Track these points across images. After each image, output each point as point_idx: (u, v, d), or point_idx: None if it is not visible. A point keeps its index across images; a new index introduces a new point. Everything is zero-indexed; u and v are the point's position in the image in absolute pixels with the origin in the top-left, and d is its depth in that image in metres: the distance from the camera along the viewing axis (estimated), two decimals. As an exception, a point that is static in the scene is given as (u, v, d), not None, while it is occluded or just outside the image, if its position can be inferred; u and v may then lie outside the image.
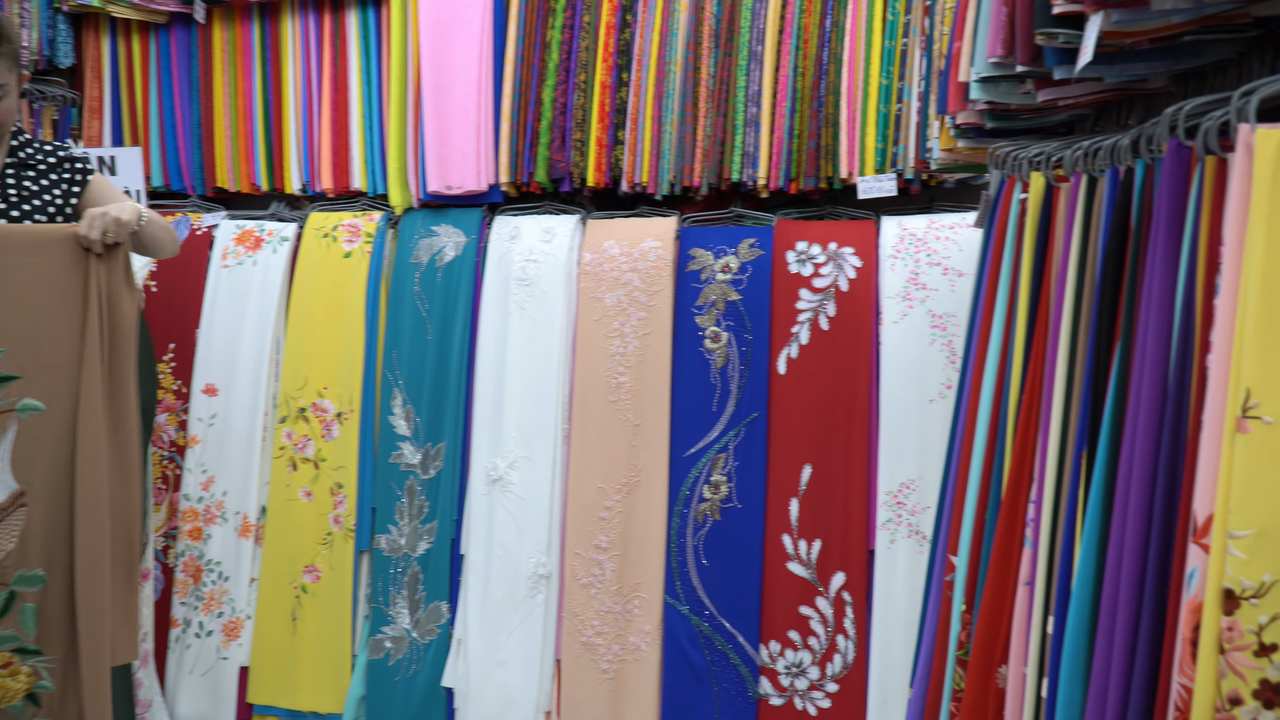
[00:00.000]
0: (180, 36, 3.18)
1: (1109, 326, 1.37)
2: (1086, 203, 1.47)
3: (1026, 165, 1.68)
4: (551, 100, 2.88)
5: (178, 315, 3.02)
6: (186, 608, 2.90)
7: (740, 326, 2.69)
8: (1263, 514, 1.00)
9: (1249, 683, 0.98)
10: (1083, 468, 1.36)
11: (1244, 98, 1.13)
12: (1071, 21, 1.42)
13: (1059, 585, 1.36)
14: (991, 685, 1.50)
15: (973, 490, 1.66)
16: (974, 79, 1.70)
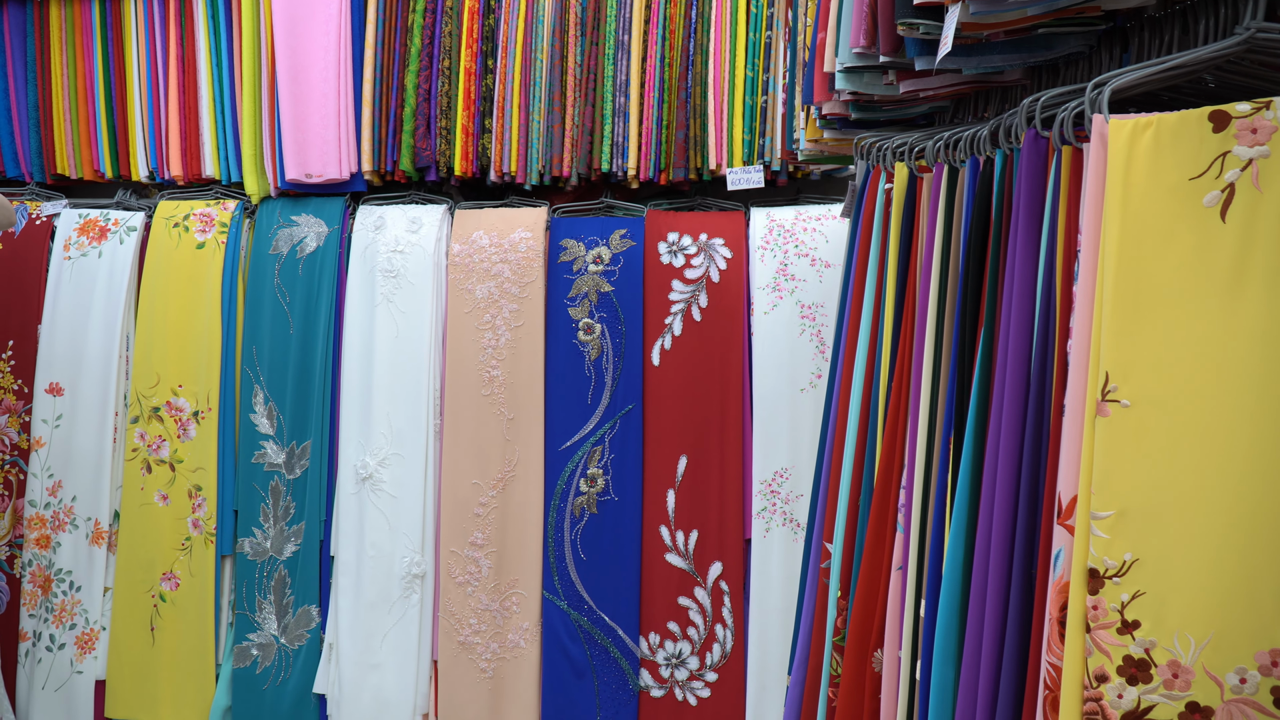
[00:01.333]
0: (13, 14, 2.97)
1: (973, 314, 1.40)
2: (949, 193, 1.50)
3: (891, 156, 1.71)
4: (415, 86, 2.80)
5: (17, 309, 2.82)
6: (36, 620, 2.72)
7: (614, 318, 2.67)
8: (1123, 494, 1.03)
9: (1114, 659, 1.02)
10: (951, 454, 1.39)
11: (1097, 89, 1.16)
12: (932, 13, 1.44)
13: (930, 569, 1.38)
14: (868, 669, 1.52)
15: (846, 478, 1.68)
16: (838, 69, 1.72)
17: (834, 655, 1.63)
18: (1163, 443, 1.03)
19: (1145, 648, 1.01)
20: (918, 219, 1.61)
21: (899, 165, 1.64)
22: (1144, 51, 1.34)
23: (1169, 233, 1.05)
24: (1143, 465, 1.04)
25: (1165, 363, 1.04)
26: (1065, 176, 1.22)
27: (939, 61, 1.40)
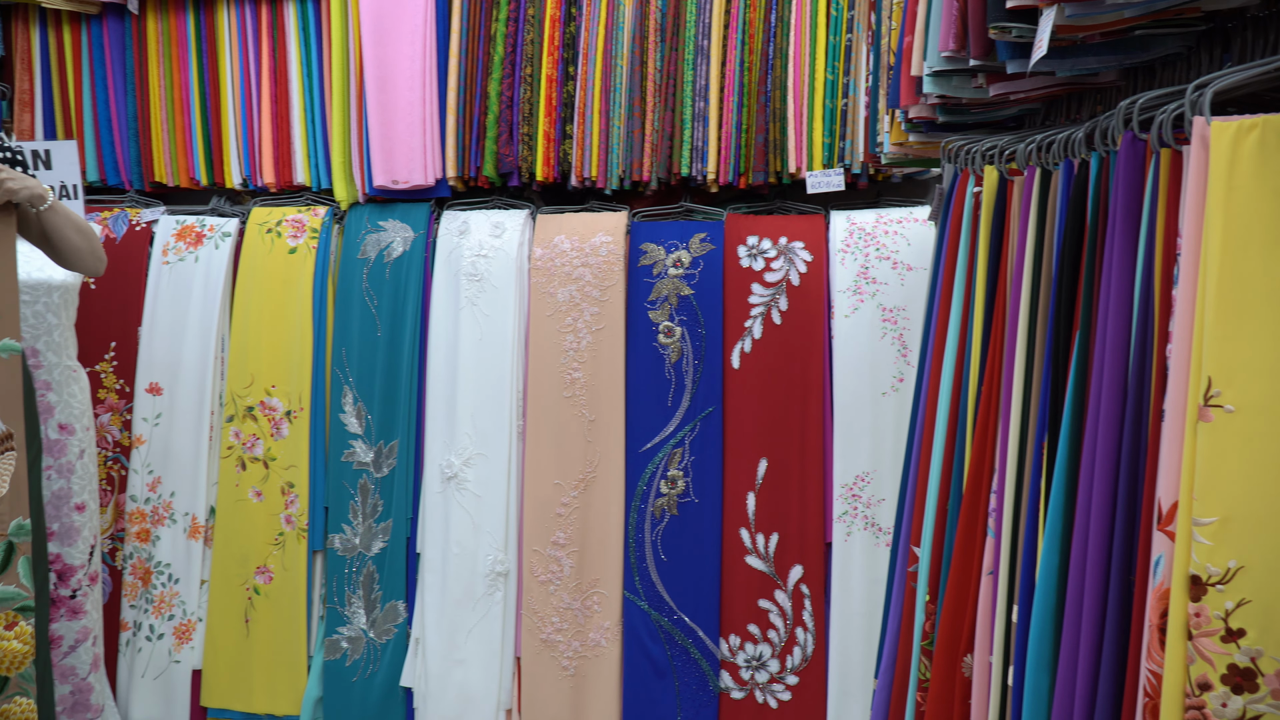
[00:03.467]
0: (113, 27, 3.09)
1: (1067, 318, 1.39)
2: (1041, 195, 1.49)
3: (980, 159, 1.70)
4: (497, 94, 2.85)
5: (118, 312, 2.94)
6: (136, 610, 2.84)
7: (694, 321, 2.69)
8: (1227, 501, 1.02)
9: (1217, 668, 1.01)
10: (1044, 458, 1.38)
11: (1198, 91, 1.15)
12: (1025, 16, 1.44)
13: (1022, 574, 1.38)
14: (957, 674, 1.52)
15: (934, 482, 1.68)
16: (926, 73, 1.72)
17: (922, 659, 1.63)
18: (1268, 448, 1.02)
19: (1251, 657, 1.00)
20: (1008, 222, 1.60)
21: (989, 168, 1.64)
22: (1247, 52, 1.32)
23: (1275, 236, 1.04)
24: (1247, 471, 1.02)
25: (1271, 368, 1.03)
26: (1164, 179, 1.21)
27: (1033, 65, 1.40)
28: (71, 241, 2.18)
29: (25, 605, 2.02)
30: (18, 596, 2.00)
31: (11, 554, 2.00)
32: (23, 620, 2.01)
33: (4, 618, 1.99)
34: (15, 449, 2.02)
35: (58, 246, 2.17)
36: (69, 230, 2.16)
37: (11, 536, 2.01)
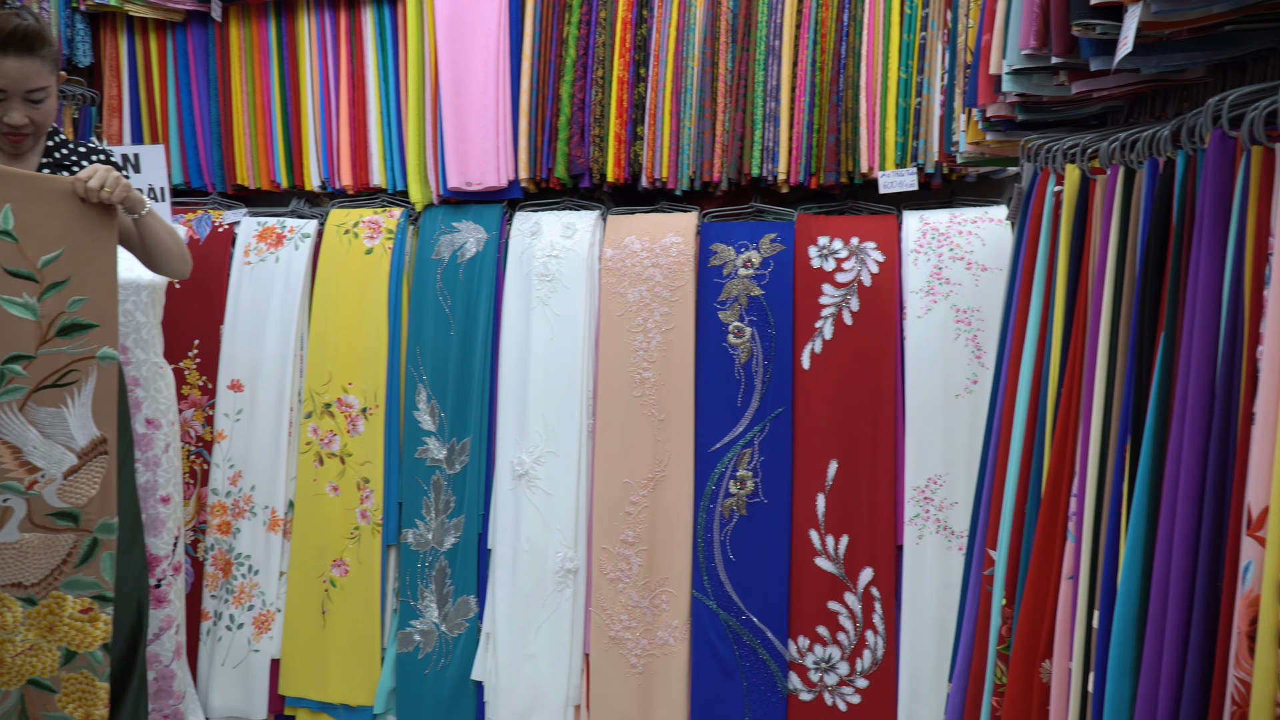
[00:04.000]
0: (197, 34, 3.18)
1: (1151, 319, 1.37)
2: (1125, 195, 1.47)
3: (1061, 157, 1.68)
4: (570, 96, 2.88)
5: (201, 311, 3.03)
6: (217, 600, 2.92)
7: (764, 321, 2.69)
8: (1322, 507, 1.00)
9: (1311, 675, 0.98)
10: (1126, 461, 1.36)
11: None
12: (1109, 12, 1.41)
13: (1104, 579, 1.36)
14: (1035, 680, 1.50)
15: (1011, 485, 1.66)
16: (1005, 71, 1.70)
17: (998, 664, 1.61)
18: (1366, 454, 0.99)
19: (1346, 666, 0.98)
20: (1089, 221, 1.58)
21: (1070, 167, 1.61)
22: (1343, 46, 1.29)
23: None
24: (1343, 477, 1.00)
25: (1369, 371, 1.00)
26: (1255, 177, 1.18)
27: (1117, 62, 1.38)
28: (165, 244, 2.25)
29: (102, 595, 2.10)
30: (95, 585, 2.09)
31: (95, 548, 2.09)
32: (97, 607, 2.10)
33: (80, 601, 2.08)
34: (108, 453, 2.10)
35: (151, 248, 2.24)
36: (163, 232, 2.24)
37: (97, 534, 2.09)
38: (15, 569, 2.03)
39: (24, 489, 2.03)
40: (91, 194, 2.04)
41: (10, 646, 2.03)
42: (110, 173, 2.06)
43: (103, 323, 2.08)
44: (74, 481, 2.07)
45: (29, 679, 2.05)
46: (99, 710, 2.10)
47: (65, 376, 2.05)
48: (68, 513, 2.06)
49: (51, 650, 2.06)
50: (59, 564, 2.05)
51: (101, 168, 2.07)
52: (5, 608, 2.03)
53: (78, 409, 2.07)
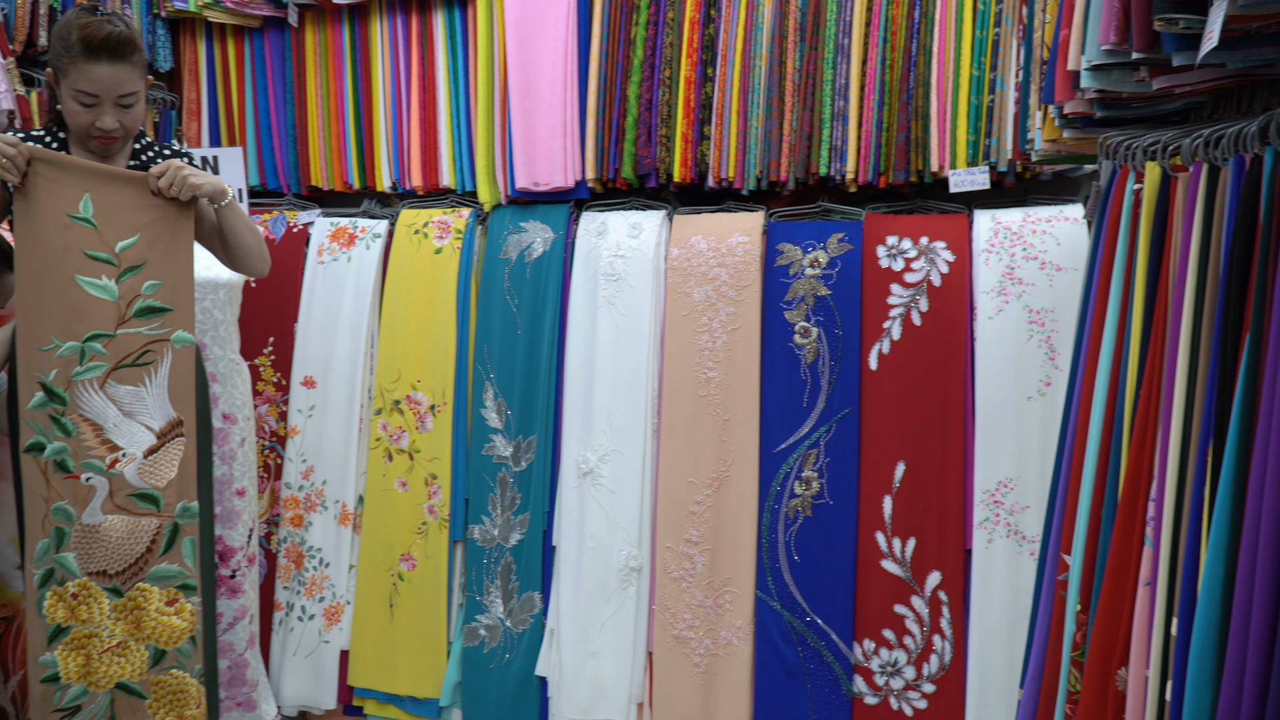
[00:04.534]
0: (274, 39, 3.26)
1: (1236, 320, 1.33)
2: (1208, 192, 1.43)
3: (1141, 155, 1.64)
4: (637, 96, 2.89)
5: (276, 310, 3.10)
6: (289, 592, 2.99)
7: (830, 322, 2.67)
8: None
9: None
10: (1208, 464, 1.32)
11: (1390, 82, 1.09)
12: (1193, 6, 1.38)
13: (1183, 585, 1.32)
14: (1111, 687, 1.47)
15: (1087, 488, 1.63)
16: (1084, 67, 1.67)
17: (1072, 671, 1.58)
18: None
19: None
20: (1170, 220, 1.54)
21: (1150, 164, 1.58)
22: None
23: None
24: None
25: None
26: (1349, 174, 1.15)
27: (1201, 57, 1.34)
28: (244, 239, 2.30)
29: (187, 584, 2.14)
30: (180, 575, 2.14)
31: (176, 535, 2.14)
32: (183, 597, 2.14)
33: (166, 594, 2.12)
34: (185, 435, 2.16)
35: (231, 244, 2.29)
36: (243, 228, 2.29)
37: (178, 519, 2.14)
38: (101, 555, 2.08)
39: (106, 467, 2.09)
40: (162, 190, 2.12)
41: (98, 642, 2.07)
42: (180, 172, 2.12)
43: (178, 307, 2.15)
44: (153, 462, 2.13)
45: (117, 683, 2.08)
46: (190, 710, 2.13)
47: (142, 356, 2.12)
48: (148, 494, 2.11)
49: (140, 650, 2.10)
50: (143, 553, 2.11)
51: (174, 164, 2.13)
52: (93, 599, 2.08)
53: (155, 389, 2.13)
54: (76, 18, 2.10)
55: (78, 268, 2.06)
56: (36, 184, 2.05)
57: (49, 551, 2.07)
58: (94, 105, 2.11)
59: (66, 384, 2.07)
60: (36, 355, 2.06)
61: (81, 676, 2.06)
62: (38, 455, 2.07)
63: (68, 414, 2.07)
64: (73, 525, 2.08)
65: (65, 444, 2.07)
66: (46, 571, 2.07)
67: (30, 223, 2.04)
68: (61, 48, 2.09)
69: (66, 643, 2.06)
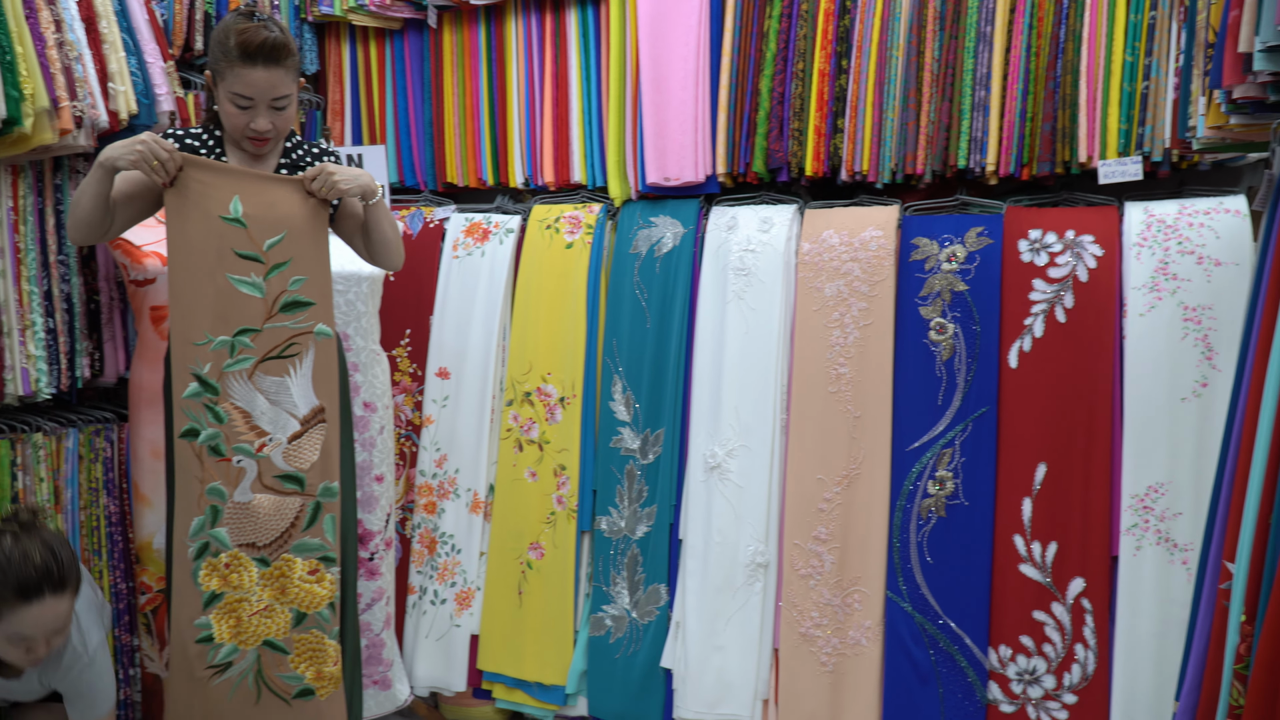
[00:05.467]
0: (413, 41, 3.36)
1: None
2: (1399, 179, 1.33)
3: (1319, 140, 1.54)
4: (769, 90, 2.87)
5: (413, 303, 3.19)
6: (422, 576, 3.07)
7: (968, 318, 2.60)
8: None
9: None
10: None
11: None
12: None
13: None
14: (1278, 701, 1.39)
15: (1254, 494, 1.54)
16: (1257, 49, 1.58)
17: (1235, 684, 1.50)
18: None
19: None
20: (1354, 209, 1.44)
21: (1331, 150, 1.48)
22: None
23: None
24: None
25: None
26: None
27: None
28: (385, 234, 2.36)
29: (327, 555, 2.27)
30: (321, 548, 2.26)
31: (318, 512, 2.25)
32: (324, 568, 2.26)
33: (308, 564, 2.24)
34: (327, 421, 2.26)
35: (372, 239, 2.37)
36: (385, 224, 2.36)
37: (319, 498, 2.25)
38: (250, 529, 2.21)
39: (254, 451, 2.21)
40: (314, 192, 2.23)
41: (247, 605, 2.21)
42: (331, 177, 2.21)
43: (319, 301, 2.26)
44: (297, 446, 2.24)
45: (264, 640, 2.21)
46: (329, 667, 2.25)
47: (287, 349, 2.23)
48: (293, 476, 2.23)
49: (284, 612, 2.23)
50: (288, 527, 2.22)
51: (325, 169, 2.23)
52: (243, 567, 2.21)
53: (299, 379, 2.24)
54: (234, 23, 2.18)
55: (229, 266, 2.18)
56: (189, 188, 2.17)
57: (205, 527, 2.19)
58: (249, 108, 2.20)
59: (219, 375, 2.19)
60: (191, 349, 2.18)
61: (233, 636, 2.20)
62: (193, 440, 2.19)
63: (220, 402, 2.19)
64: (225, 503, 2.20)
65: (218, 430, 2.19)
66: (202, 545, 2.19)
67: (184, 224, 2.16)
68: (220, 52, 2.19)
69: (220, 607, 2.19)
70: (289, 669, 2.22)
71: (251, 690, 2.20)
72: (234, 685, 2.19)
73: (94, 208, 2.17)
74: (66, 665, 2.10)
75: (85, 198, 2.17)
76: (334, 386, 2.29)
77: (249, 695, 2.20)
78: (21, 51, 2.36)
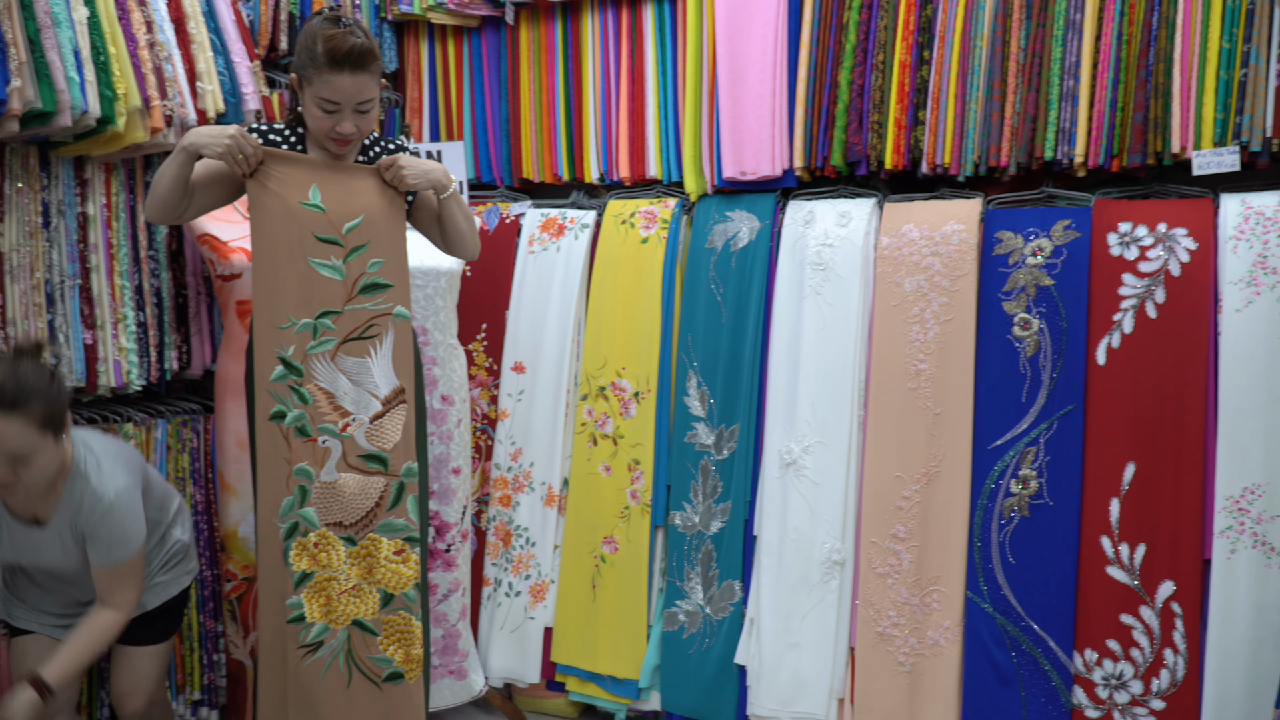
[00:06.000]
0: (490, 38, 3.38)
1: None
2: None
3: None
4: (848, 82, 2.83)
5: (489, 297, 3.23)
6: (497, 568, 3.10)
7: (1053, 313, 2.54)
8: None
9: None
10: None
11: None
12: None
13: None
14: (1394, 711, 1.32)
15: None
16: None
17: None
18: None
19: None
20: None
21: None
22: None
23: None
24: None
25: None
26: None
27: None
28: (459, 224, 2.40)
29: (411, 536, 2.30)
30: (406, 528, 2.30)
31: (402, 492, 2.29)
32: (409, 548, 2.29)
33: (394, 544, 2.28)
34: (407, 402, 2.30)
35: (447, 229, 2.40)
36: (459, 215, 2.39)
37: (403, 478, 2.30)
38: (337, 508, 2.25)
39: (338, 431, 2.26)
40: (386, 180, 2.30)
41: (336, 584, 2.25)
42: (401, 170, 2.28)
43: (397, 284, 2.31)
44: (379, 426, 2.28)
45: (353, 620, 2.25)
46: (416, 649, 2.29)
47: (368, 330, 2.27)
48: (376, 455, 2.27)
49: (371, 593, 2.27)
50: (373, 506, 2.27)
51: (397, 159, 2.28)
52: (331, 546, 2.25)
53: (380, 359, 2.29)
54: (322, 29, 2.21)
55: (309, 250, 2.23)
56: (270, 177, 2.23)
57: (294, 507, 2.24)
58: (334, 111, 2.24)
59: (303, 357, 2.23)
60: (275, 333, 2.23)
61: (324, 615, 2.24)
62: (280, 422, 2.24)
63: (305, 384, 2.24)
64: (313, 483, 2.25)
65: (304, 411, 2.24)
66: (291, 525, 2.24)
67: (265, 213, 2.22)
68: (307, 57, 2.22)
69: (310, 586, 2.24)
70: (378, 650, 2.26)
71: (343, 673, 2.24)
72: (325, 665, 2.23)
73: (173, 189, 2.22)
74: (87, 510, 2.14)
75: (165, 179, 2.22)
76: (412, 368, 2.33)
77: (340, 678, 2.23)
78: (115, 52, 2.43)
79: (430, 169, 2.30)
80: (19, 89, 2.19)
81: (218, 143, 2.15)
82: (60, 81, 2.27)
